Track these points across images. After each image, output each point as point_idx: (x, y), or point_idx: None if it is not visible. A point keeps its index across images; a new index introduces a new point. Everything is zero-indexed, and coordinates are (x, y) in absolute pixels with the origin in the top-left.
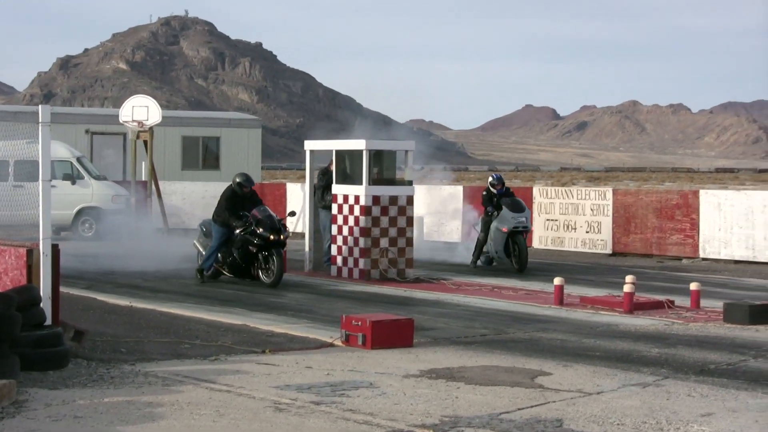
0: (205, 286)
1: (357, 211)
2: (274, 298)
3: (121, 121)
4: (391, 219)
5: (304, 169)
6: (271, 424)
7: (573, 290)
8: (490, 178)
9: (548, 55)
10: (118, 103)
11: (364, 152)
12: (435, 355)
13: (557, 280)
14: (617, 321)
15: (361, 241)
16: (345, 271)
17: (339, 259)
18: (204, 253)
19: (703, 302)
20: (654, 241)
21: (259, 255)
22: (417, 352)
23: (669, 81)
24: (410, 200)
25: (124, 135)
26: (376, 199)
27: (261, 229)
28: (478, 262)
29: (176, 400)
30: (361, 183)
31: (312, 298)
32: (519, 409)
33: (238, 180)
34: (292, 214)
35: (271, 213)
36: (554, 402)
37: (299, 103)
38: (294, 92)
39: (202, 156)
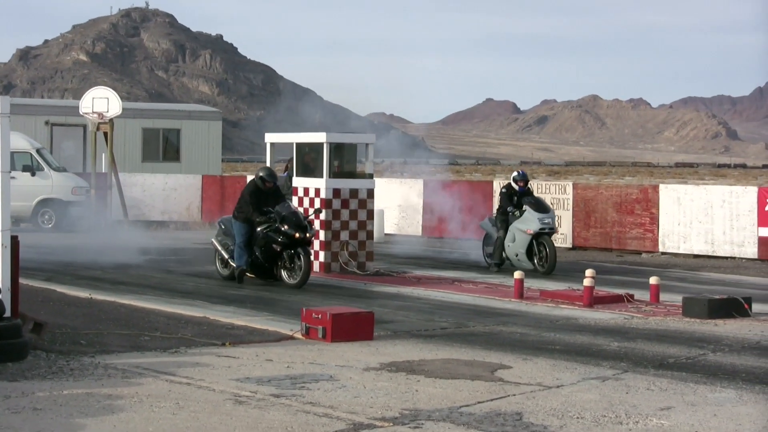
0: (165, 278)
1: (317, 204)
2: (234, 290)
3: (81, 113)
4: (351, 212)
5: (265, 162)
6: (230, 416)
7: (533, 284)
8: (514, 174)
9: (509, 49)
10: (78, 95)
11: (325, 145)
12: (395, 349)
13: (517, 274)
14: (577, 315)
15: (322, 234)
16: None
17: None
18: (222, 251)
19: (663, 296)
20: (614, 235)
21: (284, 254)
22: (377, 345)
23: (629, 76)
24: (371, 193)
25: (84, 127)
26: (336, 192)
27: (286, 227)
28: (489, 261)
29: (136, 392)
30: (321, 176)
31: (272, 290)
32: (479, 402)
33: (261, 174)
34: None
35: (296, 209)
36: (514, 395)
37: (260, 96)
38: (255, 85)
39: (163, 148)
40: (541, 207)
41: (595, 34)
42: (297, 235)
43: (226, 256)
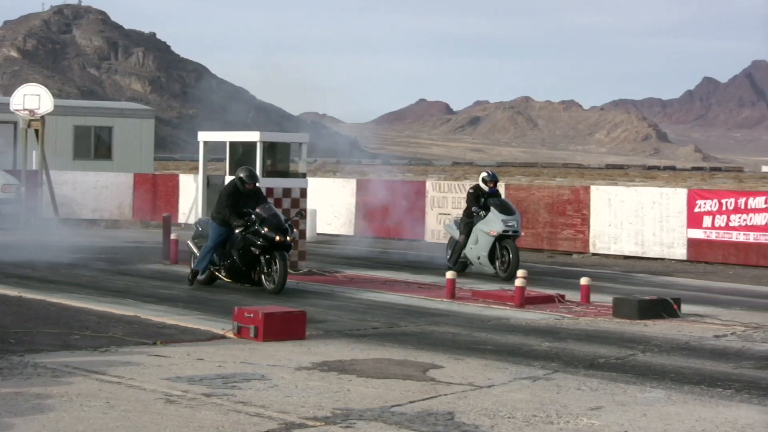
0: (96, 277)
1: None
2: (165, 290)
3: (12, 110)
4: (284, 211)
5: (198, 161)
6: (161, 416)
7: (465, 284)
8: (484, 174)
9: (442, 50)
10: (9, 92)
11: (258, 144)
12: (327, 348)
13: (449, 274)
14: (508, 315)
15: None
16: None
17: None
18: (198, 254)
19: (593, 297)
20: (545, 235)
21: (262, 258)
22: (309, 345)
23: (561, 78)
24: (303, 192)
25: (15, 123)
26: (269, 191)
27: (266, 229)
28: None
29: (66, 391)
30: None
31: (204, 289)
32: (411, 402)
33: (241, 175)
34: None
35: (277, 211)
36: (446, 395)
37: (193, 94)
38: (187, 83)
39: (94, 146)
40: (506, 209)
41: (528, 35)
42: (277, 238)
43: None
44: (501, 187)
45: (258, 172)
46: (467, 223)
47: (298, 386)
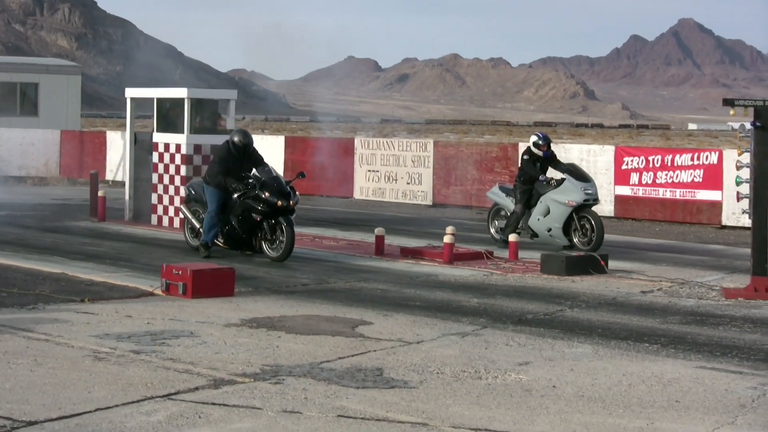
0: (23, 234)
1: (178, 159)
2: (93, 246)
3: None
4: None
5: (125, 118)
6: (90, 372)
7: (393, 241)
8: (534, 137)
9: (370, 6)
10: None
11: (186, 100)
12: (256, 305)
13: (378, 231)
14: (437, 271)
15: (182, 190)
16: (166, 221)
17: (159, 208)
18: (192, 219)
19: (521, 254)
20: (474, 192)
21: (264, 224)
22: (238, 302)
23: (489, 35)
24: None
25: None
26: (197, 148)
27: (267, 194)
28: (498, 236)
29: None
30: (182, 132)
31: (132, 246)
32: (340, 358)
33: (234, 139)
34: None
35: (278, 174)
36: (375, 351)
37: (119, 51)
38: (114, 39)
39: (20, 102)
40: (581, 175)
41: None
42: (279, 203)
43: (198, 225)
44: (429, 145)
45: (186, 128)
46: (524, 191)
47: (227, 343)
